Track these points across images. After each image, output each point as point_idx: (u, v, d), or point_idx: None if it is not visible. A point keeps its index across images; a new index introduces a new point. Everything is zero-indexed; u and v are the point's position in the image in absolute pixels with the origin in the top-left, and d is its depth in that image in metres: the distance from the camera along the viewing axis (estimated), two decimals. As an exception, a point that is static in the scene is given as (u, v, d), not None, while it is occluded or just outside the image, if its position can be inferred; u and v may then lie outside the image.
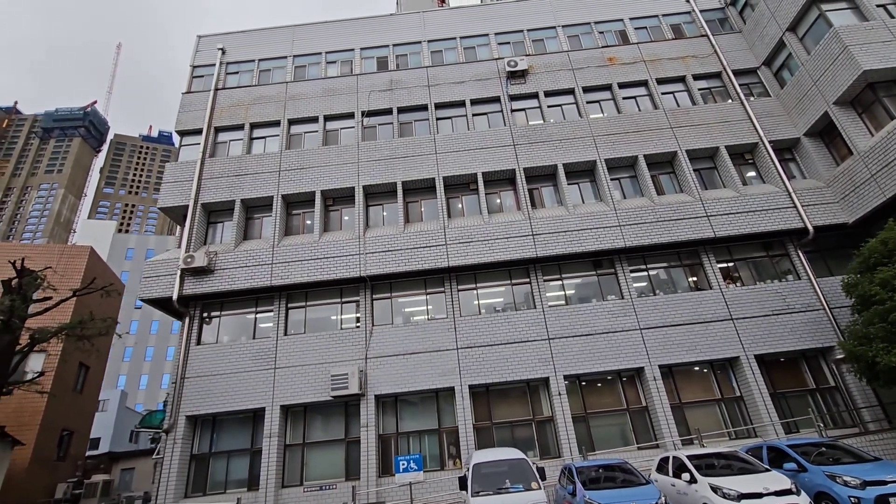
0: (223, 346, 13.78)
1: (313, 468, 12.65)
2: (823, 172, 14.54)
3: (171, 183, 15.63)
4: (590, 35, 18.43)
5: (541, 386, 13.27)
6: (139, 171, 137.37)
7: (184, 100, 17.46)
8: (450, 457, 12.54)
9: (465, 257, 13.87)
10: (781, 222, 13.82)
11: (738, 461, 8.43)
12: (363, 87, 17.37)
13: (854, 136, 13.29)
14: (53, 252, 20.79)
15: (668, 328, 13.27)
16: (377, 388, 12.92)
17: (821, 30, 14.30)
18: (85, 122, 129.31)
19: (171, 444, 12.59)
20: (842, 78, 13.37)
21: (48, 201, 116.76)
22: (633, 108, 16.64)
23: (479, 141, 15.84)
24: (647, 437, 12.49)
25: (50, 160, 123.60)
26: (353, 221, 15.07)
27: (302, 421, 13.20)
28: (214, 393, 13.07)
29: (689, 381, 13.29)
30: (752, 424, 12.39)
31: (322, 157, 15.90)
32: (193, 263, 13.67)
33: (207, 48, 18.76)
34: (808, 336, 12.96)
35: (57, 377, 18.88)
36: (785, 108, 15.72)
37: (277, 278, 13.85)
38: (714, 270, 14.03)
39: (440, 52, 18.43)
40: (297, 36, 19.01)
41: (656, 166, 15.64)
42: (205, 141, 16.33)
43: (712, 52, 17.24)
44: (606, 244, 13.86)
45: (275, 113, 17.05)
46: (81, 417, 22.15)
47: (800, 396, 12.86)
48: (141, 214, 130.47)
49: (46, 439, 19.02)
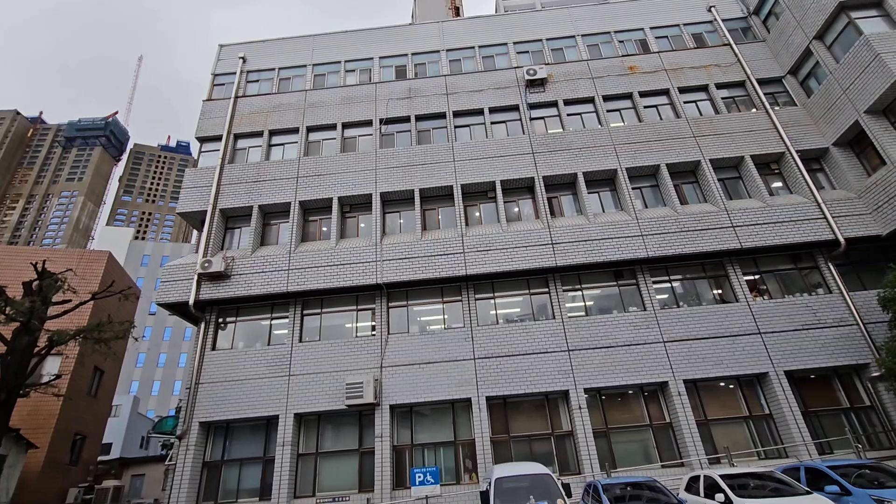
0: (238, 352, 13.66)
1: (326, 478, 12.38)
2: (854, 183, 14.08)
3: (191, 188, 15.72)
4: (609, 44, 18.30)
5: (560, 399, 12.89)
6: (157, 179, 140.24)
7: (204, 107, 17.65)
8: (465, 470, 12.17)
9: (482, 266, 13.64)
10: (811, 234, 13.38)
11: (774, 482, 7.95)
12: (381, 95, 17.39)
13: (887, 146, 12.86)
14: (73, 256, 21.01)
15: (693, 341, 12.83)
16: (392, 397, 12.66)
17: (850, 38, 13.97)
18: (106, 131, 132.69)
19: (184, 451, 12.43)
20: (873, 86, 13.00)
21: (68, 209, 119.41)
22: (654, 117, 16.38)
23: (497, 149, 15.70)
24: (671, 454, 12.01)
25: (71, 169, 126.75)
26: (370, 228, 14.95)
27: (315, 430, 12.96)
28: (228, 399, 12.92)
29: (715, 396, 12.79)
30: (783, 444, 11.83)
31: (340, 164, 15.89)
32: (211, 268, 13.64)
33: (229, 57, 19.02)
34: (840, 352, 12.42)
35: (72, 381, 18.93)
36: (812, 117, 15.33)
37: (293, 284, 13.75)
38: (740, 282, 13.59)
39: (458, 61, 18.42)
40: (317, 45, 19.19)
41: (679, 175, 15.32)
42: (224, 147, 16.45)
43: (735, 61, 16.97)
44: (628, 254, 13.54)
45: (293, 120, 17.13)
46: (95, 422, 22.17)
47: (833, 416, 12.28)
48: (157, 222, 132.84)
49: (60, 443, 19.02)
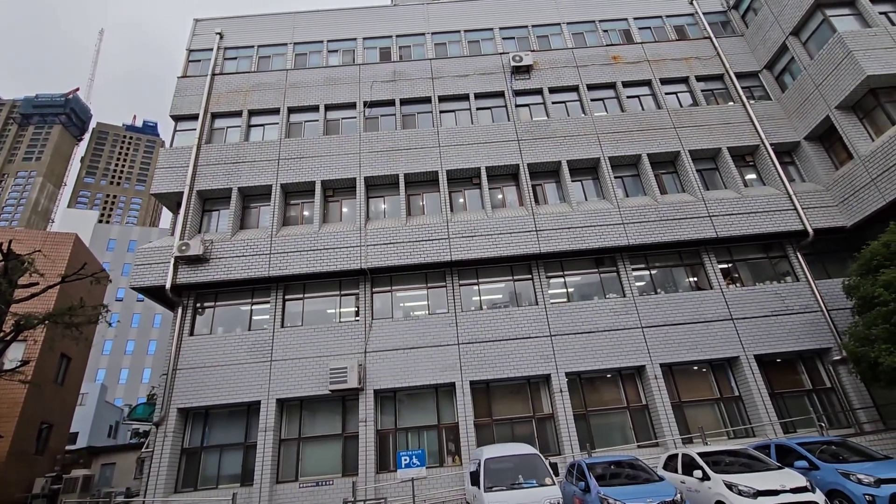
0: (217, 337, 13.37)
1: (309, 463, 12.35)
2: (823, 176, 14.70)
3: (165, 168, 15.13)
4: (594, 33, 18.40)
5: (541, 383, 13.16)
6: (122, 161, 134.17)
7: (179, 84, 16.93)
8: (449, 453, 12.34)
9: (467, 252, 13.69)
10: (782, 224, 13.93)
11: (748, 459, 8.39)
12: (365, 78, 17.05)
13: (855, 141, 13.45)
14: (37, 238, 20.01)
15: (669, 327, 13.27)
16: (376, 382, 12.67)
17: (824, 35, 14.45)
18: (66, 109, 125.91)
19: (162, 438, 12.15)
20: (844, 83, 13.52)
21: (25, 189, 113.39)
22: (636, 107, 16.63)
23: (482, 135, 15.66)
24: (647, 435, 12.46)
25: (28, 147, 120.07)
26: (354, 213, 14.77)
27: (298, 415, 12.87)
28: (207, 385, 12.67)
29: (688, 380, 13.31)
30: (751, 424, 12.44)
31: (323, 147, 15.56)
32: (188, 251, 13.23)
33: (205, 32, 18.24)
34: (805, 337, 13.08)
35: (38, 367, 18.15)
36: (786, 111, 15.87)
37: (276, 269, 13.49)
38: (715, 270, 14.08)
39: (444, 45, 18.20)
40: (298, 23, 18.60)
41: (659, 165, 15.65)
42: (201, 126, 15.85)
43: (715, 55, 17.34)
44: (609, 242, 13.82)
45: (274, 100, 16.63)
46: (61, 410, 21.37)
47: (797, 397, 12.97)
48: (123, 205, 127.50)
49: (25, 432, 18.28)
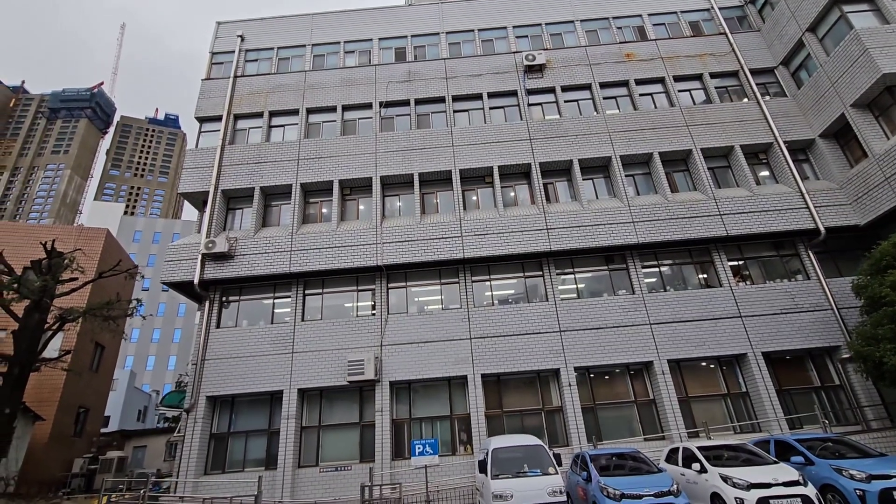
0: (242, 329, 14.13)
1: (328, 450, 13.06)
2: (837, 174, 14.65)
3: (192, 169, 15.87)
4: (608, 30, 18.43)
5: (551, 377, 13.59)
6: (145, 153, 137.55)
7: (203, 86, 17.62)
8: (461, 443, 12.91)
9: (479, 249, 14.11)
10: (794, 222, 13.99)
11: (746, 453, 8.72)
12: (381, 78, 17.48)
13: (870, 139, 13.39)
14: (71, 233, 21.12)
15: (678, 324, 13.52)
16: (392, 374, 13.27)
17: (841, 31, 14.31)
18: (91, 103, 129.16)
19: (192, 423, 13.00)
20: (860, 80, 13.43)
21: (55, 182, 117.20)
22: (649, 105, 16.71)
23: (495, 134, 15.98)
24: (654, 428, 12.81)
25: (57, 141, 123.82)
26: (370, 211, 15.30)
27: (318, 404, 13.58)
28: (233, 375, 13.45)
29: (696, 375, 13.57)
30: (757, 420, 12.69)
31: (340, 147, 16.09)
32: (214, 249, 13.96)
33: (227, 35, 18.86)
34: (815, 335, 13.20)
35: (75, 356, 19.34)
36: (801, 108, 15.78)
37: (296, 265, 14.15)
38: (725, 268, 14.24)
39: (458, 45, 18.48)
40: (316, 25, 19.07)
41: (670, 164, 15.77)
42: (224, 128, 16.54)
43: (730, 51, 17.25)
44: (619, 240, 14.08)
45: (293, 101, 17.20)
46: (96, 396, 22.70)
47: (804, 394, 13.14)
48: (146, 197, 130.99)
49: (64, 416, 19.56)
